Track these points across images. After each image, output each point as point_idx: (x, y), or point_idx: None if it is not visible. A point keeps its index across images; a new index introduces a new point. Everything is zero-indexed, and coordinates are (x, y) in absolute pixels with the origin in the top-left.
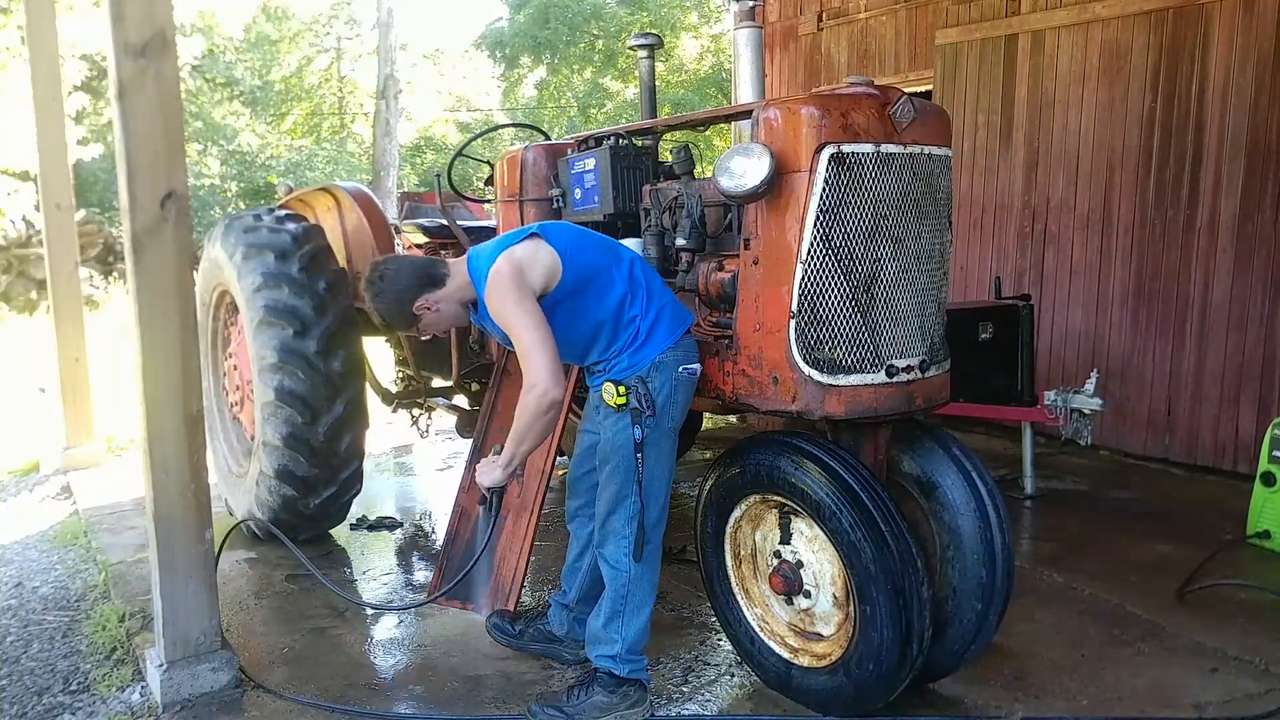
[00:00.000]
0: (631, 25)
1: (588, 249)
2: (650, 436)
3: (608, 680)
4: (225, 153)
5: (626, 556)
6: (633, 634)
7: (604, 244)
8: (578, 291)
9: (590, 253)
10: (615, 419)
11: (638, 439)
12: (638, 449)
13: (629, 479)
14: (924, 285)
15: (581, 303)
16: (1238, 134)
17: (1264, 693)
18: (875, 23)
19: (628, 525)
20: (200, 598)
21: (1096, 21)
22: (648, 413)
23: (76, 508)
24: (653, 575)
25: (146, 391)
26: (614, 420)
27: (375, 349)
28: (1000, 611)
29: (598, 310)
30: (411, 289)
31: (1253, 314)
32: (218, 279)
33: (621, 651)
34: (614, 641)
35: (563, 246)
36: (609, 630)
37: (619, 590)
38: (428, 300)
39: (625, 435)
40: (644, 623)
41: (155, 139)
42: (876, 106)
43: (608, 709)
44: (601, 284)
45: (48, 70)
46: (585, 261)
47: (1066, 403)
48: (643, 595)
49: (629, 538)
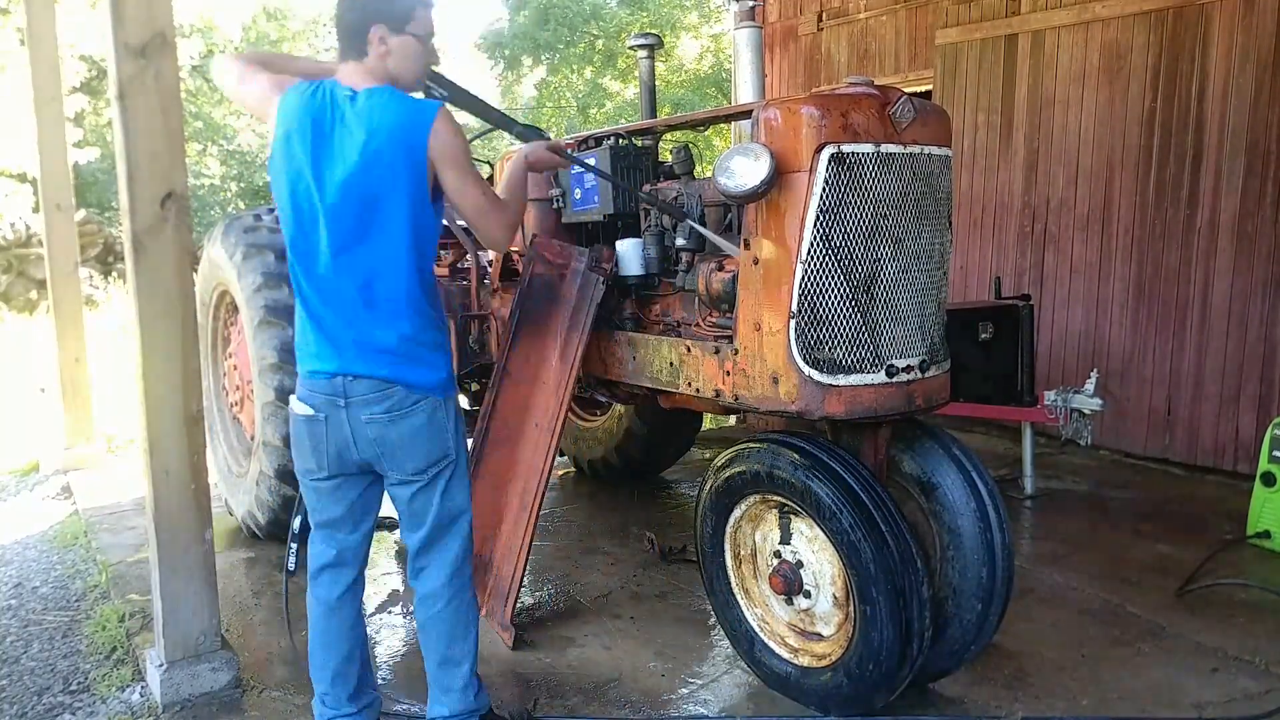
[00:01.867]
0: (631, 25)
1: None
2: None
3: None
4: (225, 153)
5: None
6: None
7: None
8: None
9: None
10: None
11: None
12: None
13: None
14: (924, 285)
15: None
16: (1238, 134)
17: (1264, 692)
18: (875, 23)
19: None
20: (200, 598)
21: (1096, 21)
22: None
23: (76, 508)
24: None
25: (146, 391)
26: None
27: None
28: (1000, 611)
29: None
30: (370, 11)
31: (1253, 314)
32: (218, 279)
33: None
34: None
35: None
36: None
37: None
38: (379, 32)
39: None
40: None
41: (155, 139)
42: (876, 106)
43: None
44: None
45: (47, 70)
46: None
47: (1066, 403)
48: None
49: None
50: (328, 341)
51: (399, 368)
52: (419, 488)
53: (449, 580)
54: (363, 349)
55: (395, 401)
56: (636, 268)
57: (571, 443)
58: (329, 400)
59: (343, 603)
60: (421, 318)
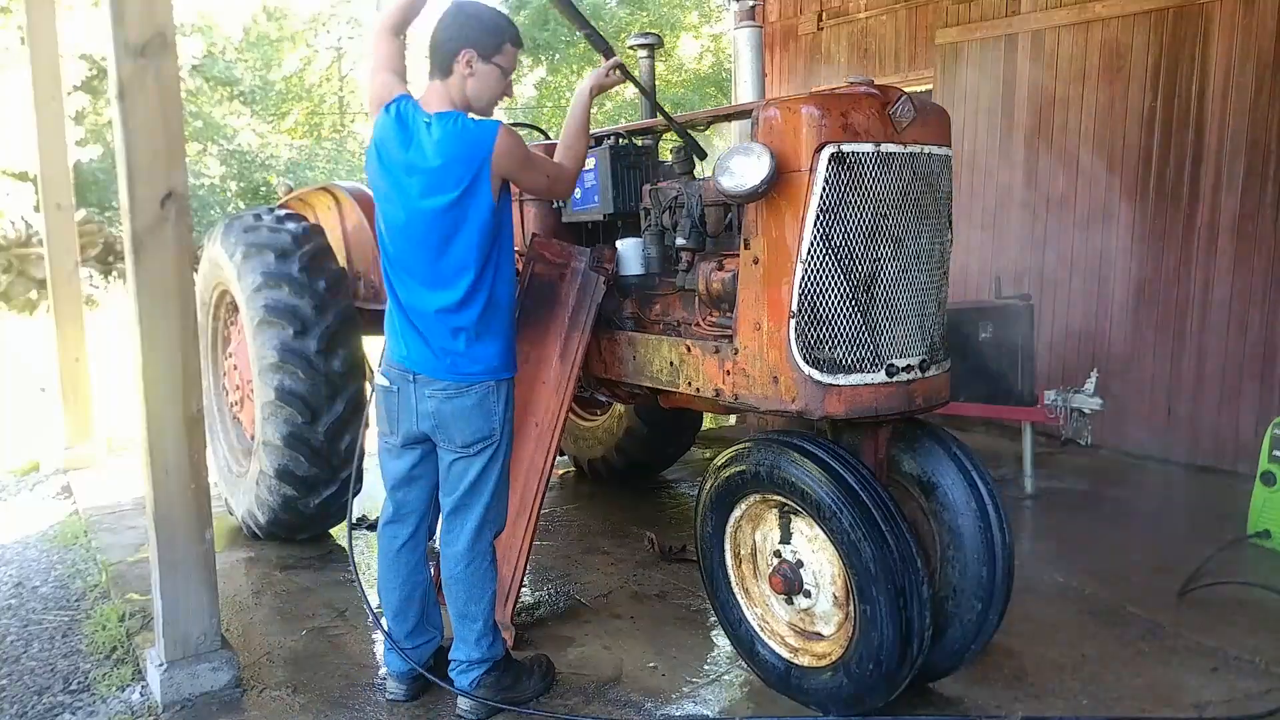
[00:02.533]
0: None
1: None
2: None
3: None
4: (225, 153)
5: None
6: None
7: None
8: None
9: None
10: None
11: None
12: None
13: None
14: (924, 285)
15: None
16: (1238, 134)
17: (1264, 692)
18: (875, 22)
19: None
20: (200, 598)
21: (1096, 21)
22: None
23: (76, 508)
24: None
25: (146, 391)
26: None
27: (375, 349)
28: (1000, 611)
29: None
30: (463, 34)
31: (1253, 314)
32: (218, 279)
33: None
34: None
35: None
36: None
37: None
38: (467, 55)
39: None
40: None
41: (155, 139)
42: (876, 106)
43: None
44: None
45: (48, 70)
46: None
47: (1066, 402)
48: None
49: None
50: (407, 333)
51: (466, 359)
52: (460, 458)
53: (470, 545)
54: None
55: (452, 384)
56: (637, 267)
57: (572, 442)
58: (401, 375)
59: (400, 554)
60: (490, 312)
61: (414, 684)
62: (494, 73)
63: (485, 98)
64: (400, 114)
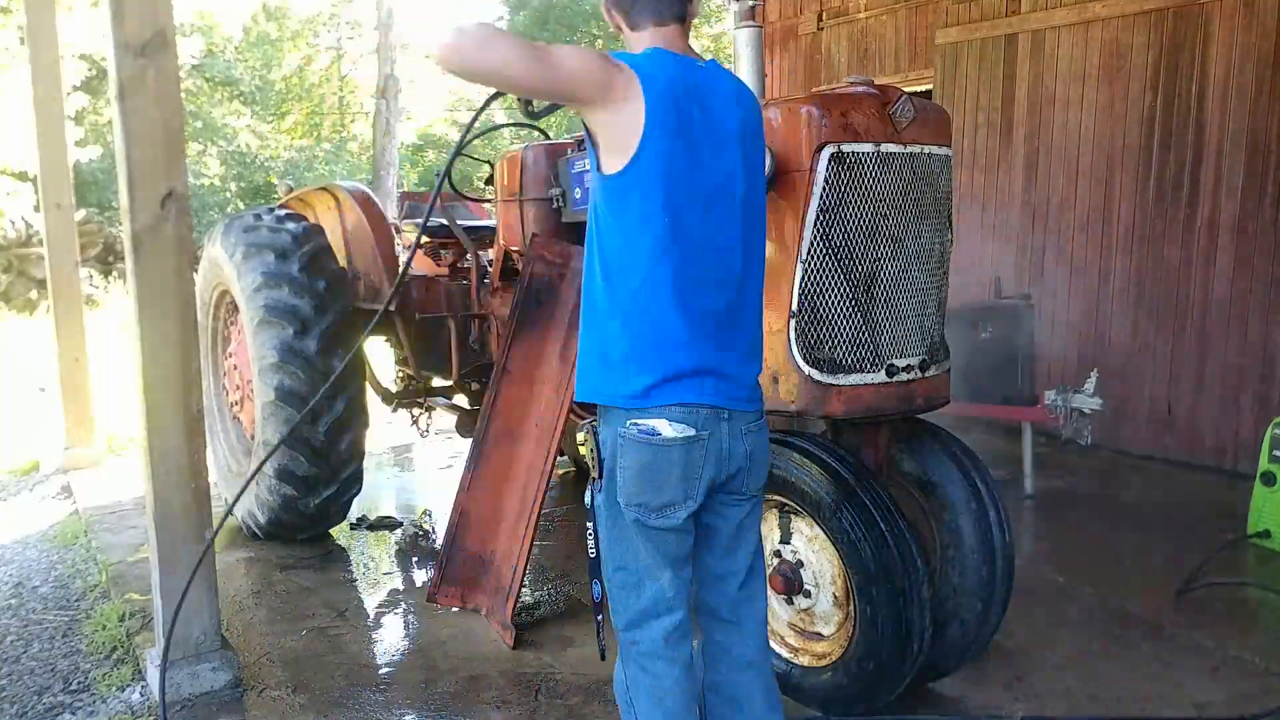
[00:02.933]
0: None
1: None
2: (602, 502)
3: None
4: (225, 153)
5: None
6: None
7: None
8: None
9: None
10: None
11: (588, 502)
12: (590, 515)
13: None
14: (924, 285)
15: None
16: (1238, 134)
17: (1264, 692)
18: (875, 22)
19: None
20: (200, 598)
21: (1096, 21)
22: (594, 472)
23: (76, 507)
24: (645, 690)
25: (146, 391)
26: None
27: (375, 349)
28: (1000, 611)
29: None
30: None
31: (1253, 314)
32: (218, 279)
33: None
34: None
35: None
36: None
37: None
38: (618, 17)
39: (586, 495)
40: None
41: (155, 139)
42: (876, 106)
43: None
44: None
45: (48, 70)
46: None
47: (1066, 402)
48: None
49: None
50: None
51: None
52: (755, 502)
53: (764, 623)
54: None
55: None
56: None
57: (572, 443)
58: (711, 414)
59: (689, 663)
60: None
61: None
62: (632, 36)
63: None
64: (671, 56)
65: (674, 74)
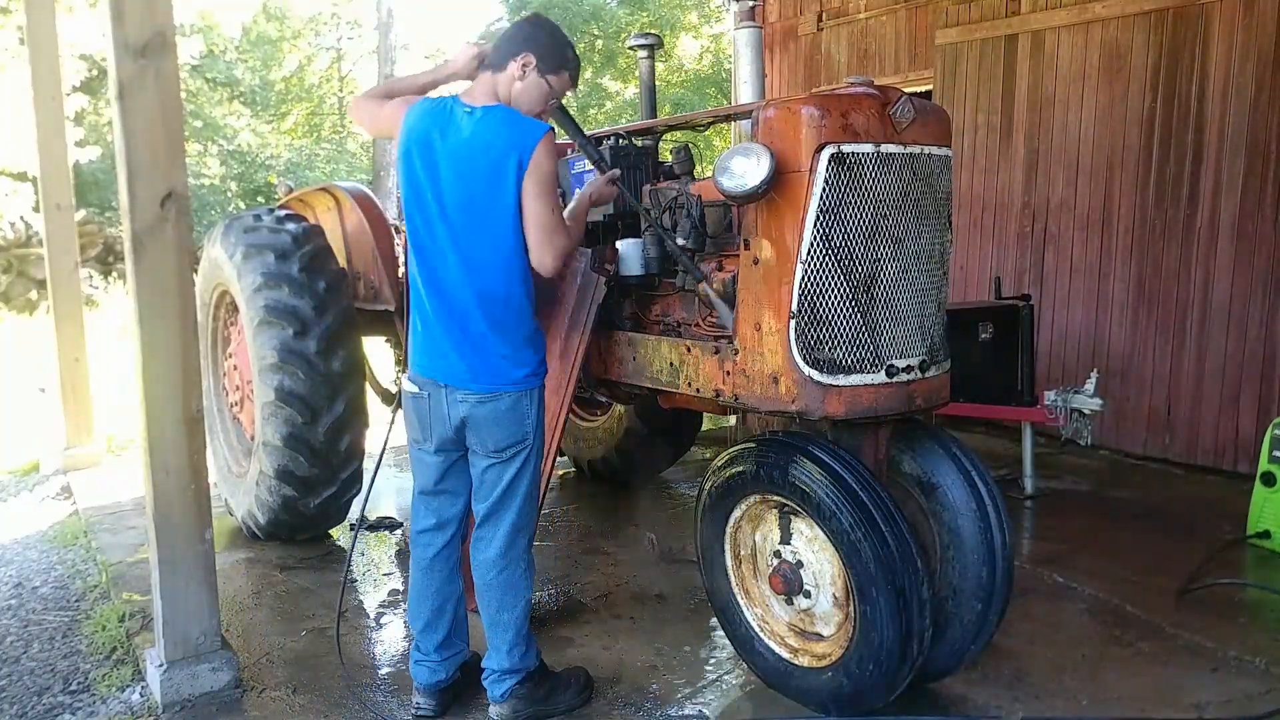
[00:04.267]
0: (631, 25)
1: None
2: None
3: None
4: (225, 153)
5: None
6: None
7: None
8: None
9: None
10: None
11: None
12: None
13: None
14: (924, 285)
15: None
16: (1238, 134)
17: (1264, 693)
18: (875, 23)
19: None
20: (200, 598)
21: (1096, 21)
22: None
23: (76, 508)
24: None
25: (146, 391)
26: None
27: (375, 349)
28: (1000, 611)
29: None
30: (532, 40)
31: (1253, 314)
32: (218, 279)
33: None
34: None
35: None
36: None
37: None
38: (526, 59)
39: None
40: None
41: (155, 139)
42: (876, 106)
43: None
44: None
45: (48, 70)
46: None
47: (1066, 403)
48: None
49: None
50: (438, 343)
51: (500, 366)
52: (492, 464)
53: (502, 552)
54: (473, 352)
55: (486, 391)
56: (637, 268)
57: (571, 443)
58: (430, 382)
59: (434, 564)
60: (524, 318)
61: (442, 696)
62: (542, 87)
63: (524, 106)
64: (439, 105)
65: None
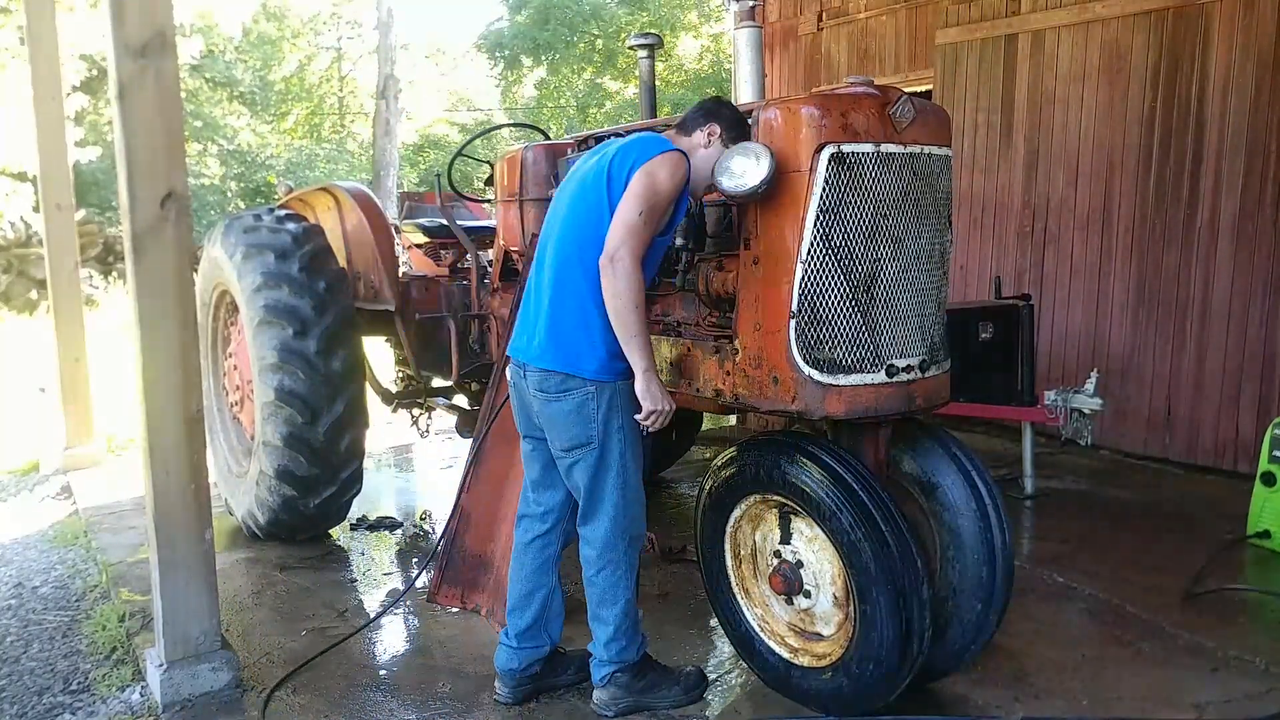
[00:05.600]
0: (631, 25)
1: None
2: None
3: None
4: (225, 153)
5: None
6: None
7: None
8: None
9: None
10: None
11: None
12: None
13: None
14: (924, 285)
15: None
16: (1238, 134)
17: (1264, 693)
18: (875, 23)
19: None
20: (200, 598)
21: (1096, 21)
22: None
23: (76, 508)
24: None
25: (146, 391)
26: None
27: (375, 349)
28: (1000, 611)
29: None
30: (715, 114)
31: (1253, 314)
32: (218, 279)
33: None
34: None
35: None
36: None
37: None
38: (718, 132)
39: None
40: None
41: (155, 139)
42: (876, 106)
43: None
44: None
45: (48, 70)
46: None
47: (1066, 402)
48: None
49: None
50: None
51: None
52: (574, 462)
53: (600, 554)
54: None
55: (554, 384)
56: None
57: None
58: (517, 369)
59: (528, 550)
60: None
61: (520, 688)
62: (713, 159)
63: (703, 172)
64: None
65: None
